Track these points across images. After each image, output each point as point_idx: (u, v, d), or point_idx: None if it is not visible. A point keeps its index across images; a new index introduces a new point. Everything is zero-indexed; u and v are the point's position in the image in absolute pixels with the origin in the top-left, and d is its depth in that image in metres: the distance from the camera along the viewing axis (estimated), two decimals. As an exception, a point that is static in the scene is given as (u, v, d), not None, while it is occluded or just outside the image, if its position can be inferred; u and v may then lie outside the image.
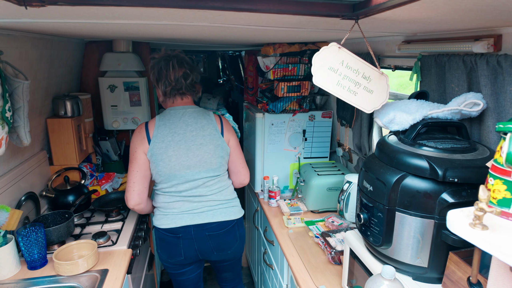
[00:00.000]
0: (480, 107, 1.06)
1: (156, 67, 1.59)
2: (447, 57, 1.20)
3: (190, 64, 1.62)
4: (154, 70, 1.60)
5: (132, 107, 2.39)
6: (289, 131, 2.21)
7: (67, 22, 1.08)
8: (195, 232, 1.60)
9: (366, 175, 1.10)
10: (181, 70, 1.58)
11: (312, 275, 1.43)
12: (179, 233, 1.59)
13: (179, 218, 1.59)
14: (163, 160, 1.54)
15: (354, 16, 0.93)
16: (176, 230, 1.59)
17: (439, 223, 0.94)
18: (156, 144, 1.54)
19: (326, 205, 1.98)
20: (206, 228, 1.61)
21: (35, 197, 1.78)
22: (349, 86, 1.04)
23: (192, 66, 1.63)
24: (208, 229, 1.61)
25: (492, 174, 0.66)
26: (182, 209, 1.59)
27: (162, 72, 1.57)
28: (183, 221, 1.58)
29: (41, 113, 1.92)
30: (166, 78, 1.57)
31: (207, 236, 1.62)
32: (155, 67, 1.60)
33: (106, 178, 2.21)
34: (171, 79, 1.57)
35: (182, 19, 1.03)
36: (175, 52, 1.62)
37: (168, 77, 1.57)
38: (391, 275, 0.90)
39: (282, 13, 0.87)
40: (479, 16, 0.84)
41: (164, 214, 1.60)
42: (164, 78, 1.57)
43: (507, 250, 0.54)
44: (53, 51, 1.88)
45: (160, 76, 1.58)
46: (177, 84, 1.58)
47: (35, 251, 1.43)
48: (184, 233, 1.59)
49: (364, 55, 1.66)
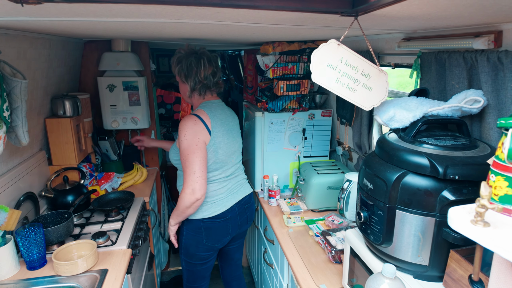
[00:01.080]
0: (480, 104, 1.05)
1: (184, 62, 1.66)
2: (447, 54, 1.19)
3: (217, 62, 1.71)
4: (181, 65, 1.67)
5: (131, 106, 2.38)
6: (288, 130, 2.20)
7: (64, 20, 1.07)
8: (238, 208, 1.79)
9: (366, 173, 1.10)
10: (211, 68, 1.67)
11: (313, 274, 1.43)
12: (228, 215, 1.74)
13: (226, 201, 1.73)
14: (222, 148, 1.67)
15: (353, 13, 0.92)
16: (225, 213, 1.72)
17: (440, 221, 0.94)
18: (216, 133, 1.65)
19: (326, 204, 1.97)
20: (244, 202, 1.83)
21: (34, 197, 1.77)
22: (348, 83, 1.04)
23: (218, 64, 1.71)
24: (245, 202, 1.83)
25: (493, 170, 0.65)
26: (227, 193, 1.74)
27: (192, 69, 1.65)
28: (230, 203, 1.74)
29: (40, 113, 1.91)
30: (196, 75, 1.66)
31: (245, 208, 1.83)
32: (183, 63, 1.66)
33: (106, 178, 2.20)
34: (201, 76, 1.66)
35: (180, 16, 1.02)
36: (202, 50, 1.69)
37: (199, 75, 1.66)
38: (391, 273, 0.89)
39: (281, 9, 0.87)
40: (479, 12, 0.83)
41: (212, 203, 1.71)
42: (194, 75, 1.66)
43: (509, 247, 0.53)
44: (52, 51, 1.87)
45: (189, 73, 1.66)
46: (207, 81, 1.68)
47: (34, 251, 1.42)
48: (232, 212, 1.75)
49: (364, 53, 1.65)
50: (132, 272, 1.64)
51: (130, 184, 2.35)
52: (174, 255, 3.25)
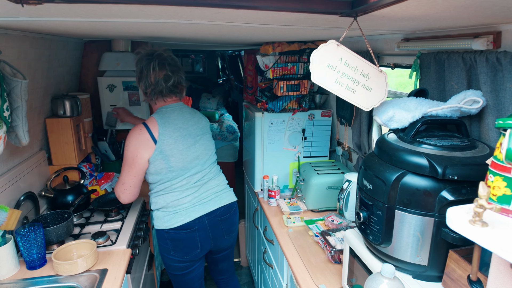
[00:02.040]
0: (479, 104, 1.06)
1: (138, 65, 1.59)
2: (447, 55, 1.20)
3: (173, 65, 1.59)
4: (136, 67, 1.60)
5: (131, 106, 2.39)
6: (288, 130, 2.21)
7: (64, 20, 1.08)
8: (208, 220, 1.66)
9: (365, 173, 1.10)
10: (162, 72, 1.56)
11: (312, 274, 1.43)
12: (194, 226, 1.62)
13: (191, 211, 1.61)
14: (175, 155, 1.58)
15: (352, 13, 0.92)
16: (190, 224, 1.61)
17: (439, 221, 0.94)
18: (165, 141, 1.55)
19: (326, 204, 1.97)
20: (218, 214, 1.69)
21: (34, 197, 1.77)
22: (347, 83, 1.04)
23: (175, 67, 1.60)
24: (219, 214, 1.69)
25: (492, 170, 0.65)
26: (193, 202, 1.62)
27: (143, 72, 1.57)
28: (196, 213, 1.62)
29: (40, 113, 1.92)
30: (146, 79, 1.57)
31: (219, 221, 1.69)
32: (137, 65, 1.59)
33: (105, 178, 2.21)
34: (151, 81, 1.56)
35: (180, 17, 1.03)
36: (159, 50, 1.58)
37: (149, 78, 1.56)
38: (391, 273, 0.89)
39: (280, 10, 0.87)
40: (478, 13, 0.83)
41: (174, 213, 1.61)
42: (144, 79, 1.58)
43: (507, 247, 0.54)
44: (52, 51, 1.88)
45: (141, 76, 1.59)
46: (156, 86, 1.58)
47: (34, 251, 1.42)
48: (199, 224, 1.63)
49: (363, 53, 1.65)
50: (132, 272, 1.65)
51: (130, 184, 2.35)
52: (174, 255, 3.25)
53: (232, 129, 4.02)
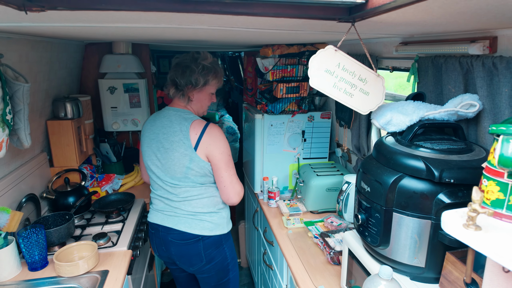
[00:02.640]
0: (476, 108, 1.07)
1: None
2: (444, 59, 1.21)
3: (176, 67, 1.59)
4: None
5: (132, 108, 2.40)
6: (288, 132, 2.22)
7: (66, 26, 1.09)
8: (163, 233, 1.60)
9: (363, 176, 1.11)
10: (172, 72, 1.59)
11: (311, 275, 1.44)
12: (153, 230, 1.67)
13: (154, 214, 1.65)
14: (143, 151, 1.64)
15: (350, 19, 0.94)
16: (152, 226, 1.67)
17: (436, 224, 0.95)
18: (141, 135, 1.67)
19: (325, 206, 1.98)
20: (171, 233, 1.58)
21: (36, 198, 1.79)
22: (345, 88, 1.05)
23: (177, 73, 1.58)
24: (171, 234, 1.58)
25: (485, 175, 0.67)
26: (157, 207, 1.63)
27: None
28: (156, 219, 1.63)
29: (41, 115, 1.93)
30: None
31: (170, 241, 1.59)
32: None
33: (106, 179, 2.22)
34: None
35: (180, 22, 1.04)
36: (198, 55, 1.59)
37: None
38: (388, 275, 0.91)
39: (279, 16, 0.88)
40: (473, 19, 0.85)
41: (151, 207, 1.69)
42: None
43: (499, 250, 0.55)
44: (53, 54, 1.89)
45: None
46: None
47: (36, 253, 1.43)
48: (156, 230, 1.64)
49: (362, 57, 1.67)
50: (133, 273, 1.66)
51: (130, 186, 2.37)
52: (174, 256, 3.26)
53: (233, 130, 4.03)
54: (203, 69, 1.55)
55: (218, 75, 1.62)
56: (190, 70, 1.53)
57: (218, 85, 1.66)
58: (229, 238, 1.69)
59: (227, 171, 1.54)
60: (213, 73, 1.58)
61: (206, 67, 1.56)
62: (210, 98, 1.66)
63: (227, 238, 1.67)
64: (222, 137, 1.55)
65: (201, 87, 1.57)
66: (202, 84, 1.56)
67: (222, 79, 1.66)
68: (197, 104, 1.63)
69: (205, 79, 1.56)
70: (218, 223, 1.61)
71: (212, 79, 1.59)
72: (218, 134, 1.54)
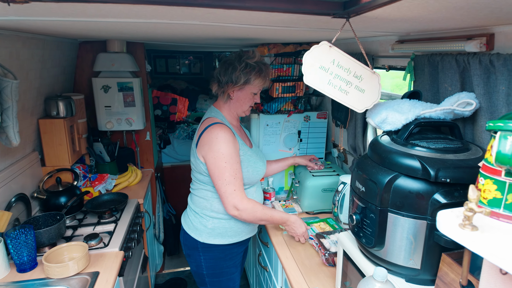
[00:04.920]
0: (473, 106, 1.05)
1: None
2: (440, 57, 1.19)
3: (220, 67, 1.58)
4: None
5: (126, 107, 2.37)
6: (284, 132, 2.20)
7: (54, 20, 1.07)
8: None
9: (358, 176, 1.09)
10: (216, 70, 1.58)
11: (306, 277, 1.42)
12: None
13: None
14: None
15: (345, 14, 0.92)
16: None
17: (431, 224, 0.93)
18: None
19: (321, 206, 1.96)
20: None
21: (26, 198, 1.75)
22: (340, 85, 1.03)
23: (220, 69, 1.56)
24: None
25: (482, 173, 0.65)
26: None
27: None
28: None
29: (33, 114, 1.90)
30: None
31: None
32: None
33: (99, 179, 2.19)
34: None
35: (171, 17, 1.02)
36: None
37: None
38: (383, 277, 0.88)
39: (272, 10, 0.86)
40: (470, 14, 0.83)
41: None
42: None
43: (496, 251, 0.53)
44: (45, 51, 1.86)
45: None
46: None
47: (25, 254, 1.40)
48: None
49: (358, 55, 1.65)
50: (125, 275, 1.63)
51: (124, 186, 2.34)
52: (169, 257, 3.23)
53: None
54: (246, 67, 1.50)
55: (262, 74, 1.54)
56: (232, 68, 1.50)
57: (264, 85, 1.59)
58: (209, 251, 1.60)
59: (220, 179, 1.46)
60: (256, 72, 1.52)
61: (250, 65, 1.51)
62: (251, 98, 1.59)
63: (207, 250, 1.60)
64: (221, 141, 1.46)
65: (241, 85, 1.52)
66: (243, 82, 1.51)
67: (267, 79, 1.59)
68: (237, 103, 1.58)
69: (247, 77, 1.51)
70: (197, 227, 1.60)
71: (255, 78, 1.52)
72: (218, 136, 1.46)
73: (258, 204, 1.52)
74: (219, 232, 1.59)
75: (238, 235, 1.63)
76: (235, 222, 1.59)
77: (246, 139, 1.71)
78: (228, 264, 1.65)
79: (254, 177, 1.61)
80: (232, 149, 1.47)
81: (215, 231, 1.58)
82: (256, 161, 1.61)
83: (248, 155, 1.58)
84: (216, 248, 1.60)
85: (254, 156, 1.62)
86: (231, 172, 1.46)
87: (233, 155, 1.47)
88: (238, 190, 1.47)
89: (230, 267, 1.66)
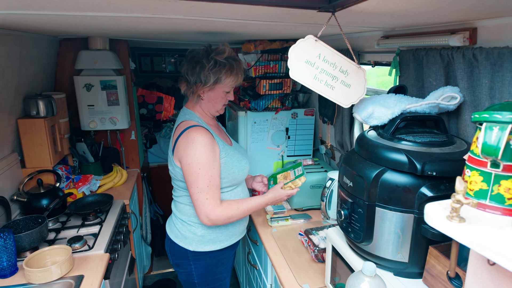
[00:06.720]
0: (457, 100, 1.06)
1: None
2: (425, 51, 1.20)
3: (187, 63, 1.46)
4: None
5: (110, 106, 2.31)
6: (272, 129, 2.19)
7: (30, 13, 1.02)
8: None
9: (345, 171, 1.09)
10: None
11: (296, 274, 1.41)
12: None
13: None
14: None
15: (330, 8, 0.91)
16: None
17: (418, 218, 0.93)
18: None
19: (310, 203, 1.96)
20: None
21: (5, 201, 1.69)
22: (326, 80, 1.02)
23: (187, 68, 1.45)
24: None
25: (468, 165, 0.65)
26: None
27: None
28: None
29: (11, 113, 1.83)
30: None
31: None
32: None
33: (83, 180, 2.13)
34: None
35: (153, 11, 0.99)
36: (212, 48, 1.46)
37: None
38: (371, 271, 0.88)
39: (257, 4, 0.85)
40: (453, 7, 0.83)
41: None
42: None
43: (483, 242, 0.53)
44: (23, 48, 1.79)
45: None
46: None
47: (4, 259, 1.35)
48: None
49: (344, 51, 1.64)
50: (111, 277, 1.59)
51: (109, 187, 2.28)
52: (157, 258, 3.18)
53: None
54: (215, 65, 1.39)
55: (234, 72, 1.43)
56: (200, 66, 1.39)
57: (236, 83, 1.47)
58: (201, 259, 1.53)
59: (193, 186, 1.37)
60: (227, 70, 1.40)
61: (220, 63, 1.39)
62: (224, 97, 1.48)
63: (198, 258, 1.52)
64: (198, 145, 1.36)
65: (212, 85, 1.41)
66: (213, 82, 1.40)
67: (240, 76, 1.47)
68: (208, 103, 1.48)
69: (217, 76, 1.40)
70: (185, 236, 1.51)
71: (226, 77, 1.41)
72: (194, 141, 1.36)
73: (232, 204, 1.43)
74: (210, 238, 1.51)
75: (230, 238, 1.56)
76: (225, 225, 1.51)
77: (225, 137, 1.63)
78: (220, 270, 1.60)
79: (240, 176, 1.53)
80: (209, 154, 1.37)
81: (205, 238, 1.50)
82: (240, 159, 1.54)
83: (231, 155, 1.49)
84: (208, 255, 1.53)
85: (237, 154, 1.54)
86: (204, 180, 1.36)
87: (209, 160, 1.37)
88: (211, 199, 1.38)
89: (222, 273, 1.61)
